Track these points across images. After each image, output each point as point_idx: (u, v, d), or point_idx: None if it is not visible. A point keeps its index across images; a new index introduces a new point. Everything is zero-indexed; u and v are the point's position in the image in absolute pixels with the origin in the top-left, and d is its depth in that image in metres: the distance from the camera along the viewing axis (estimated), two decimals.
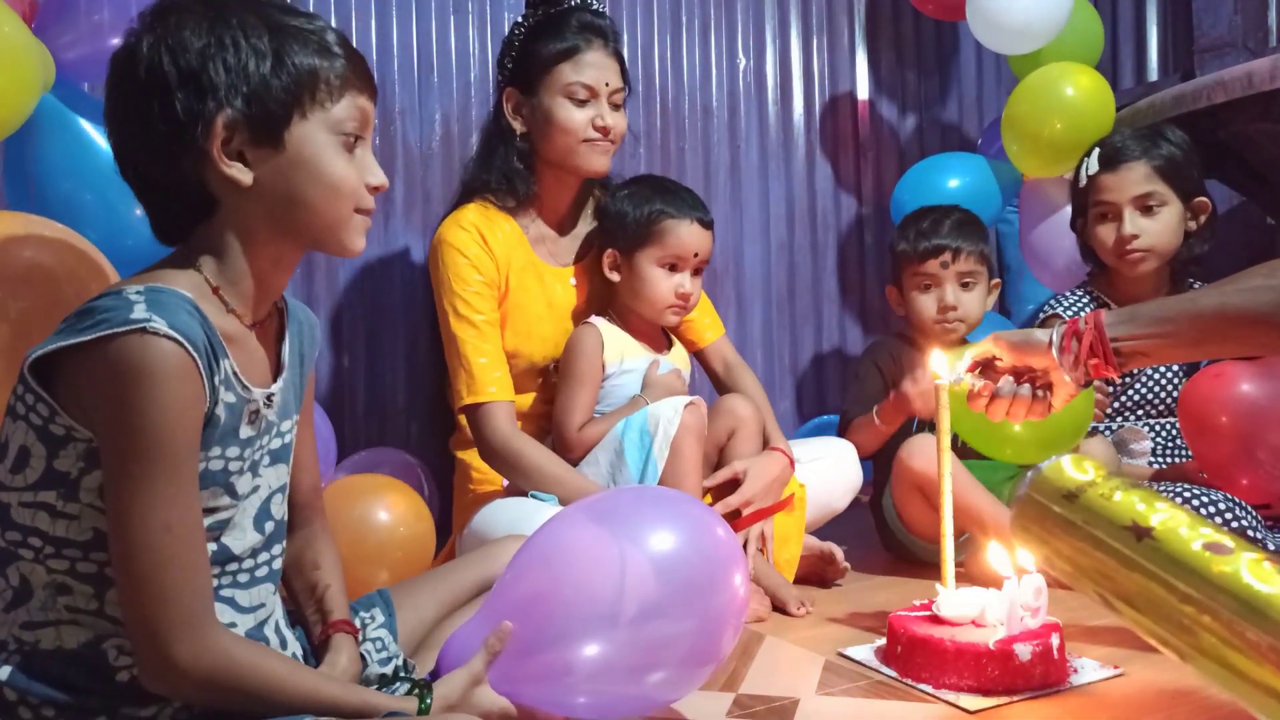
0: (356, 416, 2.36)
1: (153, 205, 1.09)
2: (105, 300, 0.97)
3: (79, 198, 1.66)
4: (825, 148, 2.82)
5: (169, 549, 0.95)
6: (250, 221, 1.06)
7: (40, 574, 1.00)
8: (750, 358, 2.71)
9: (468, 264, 1.87)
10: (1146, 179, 2.13)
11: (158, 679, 0.97)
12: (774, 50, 2.75)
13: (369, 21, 2.35)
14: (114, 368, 0.94)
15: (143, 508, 0.94)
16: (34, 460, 0.99)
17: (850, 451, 2.09)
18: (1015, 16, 2.36)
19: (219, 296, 1.06)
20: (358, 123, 1.08)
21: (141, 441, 0.94)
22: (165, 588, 0.95)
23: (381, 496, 1.76)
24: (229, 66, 1.02)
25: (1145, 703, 1.35)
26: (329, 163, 1.06)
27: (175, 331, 0.95)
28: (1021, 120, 2.42)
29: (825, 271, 2.82)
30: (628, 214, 1.95)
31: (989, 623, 1.42)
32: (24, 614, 1.01)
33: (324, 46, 1.06)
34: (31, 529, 1.00)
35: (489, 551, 1.42)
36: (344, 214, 1.08)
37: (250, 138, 1.03)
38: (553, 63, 1.89)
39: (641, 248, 1.93)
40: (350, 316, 2.36)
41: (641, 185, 2.01)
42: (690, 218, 1.93)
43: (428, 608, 1.32)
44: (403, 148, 2.39)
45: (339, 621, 1.19)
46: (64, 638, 1.00)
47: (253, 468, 1.09)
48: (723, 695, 1.40)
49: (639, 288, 1.93)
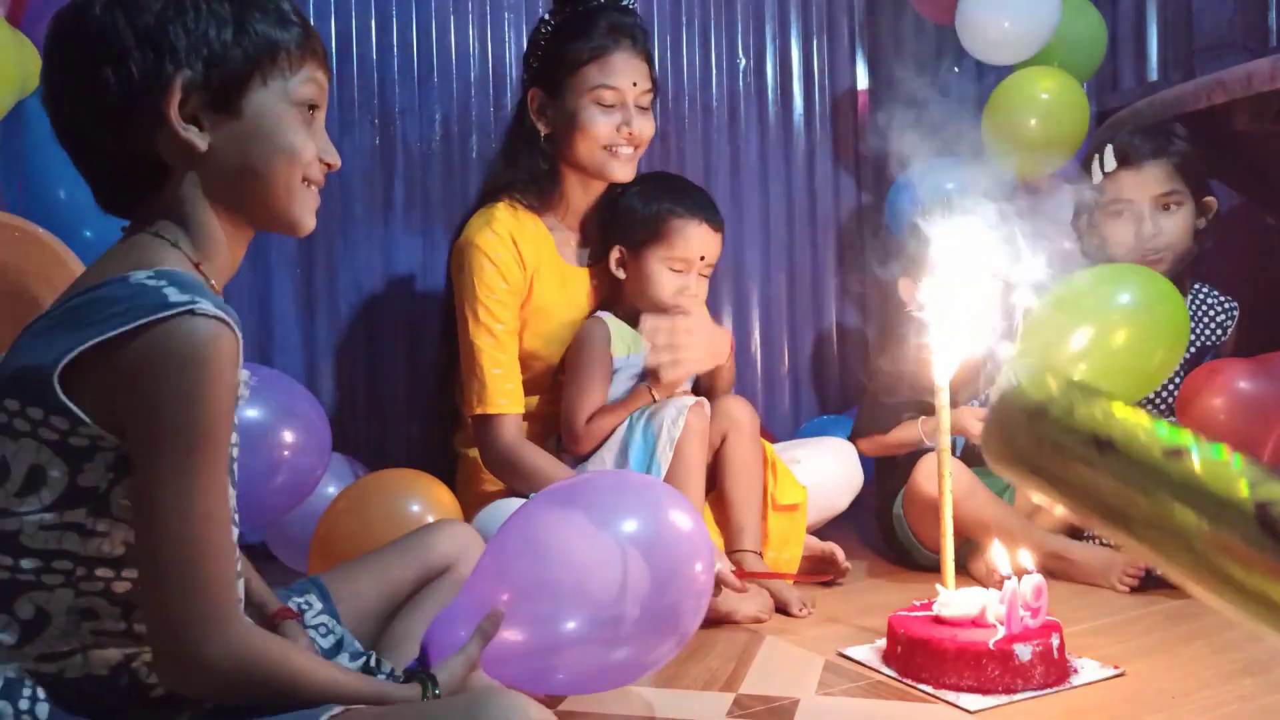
0: (357, 415, 2.36)
1: (94, 173, 1.04)
2: (113, 289, 0.93)
3: (73, 196, 1.66)
4: (825, 148, 2.82)
5: (212, 539, 0.92)
6: (209, 190, 1.02)
7: (64, 599, 0.94)
8: (750, 358, 2.71)
9: (495, 271, 1.83)
10: (1169, 177, 2.09)
11: (181, 676, 0.93)
12: (774, 50, 2.75)
13: (369, 21, 2.35)
14: (162, 354, 0.89)
15: (185, 499, 0.90)
16: (51, 479, 0.93)
17: (851, 451, 2.09)
18: (1001, 27, 2.36)
19: (200, 272, 1.02)
20: (315, 94, 1.05)
21: (191, 431, 0.90)
22: (203, 579, 0.91)
23: (415, 489, 1.74)
24: (189, 30, 0.98)
25: (1145, 703, 1.35)
26: (287, 131, 1.03)
27: (220, 311, 0.92)
28: (997, 125, 2.42)
29: (825, 271, 2.82)
30: (636, 210, 1.92)
31: (989, 623, 1.42)
32: (41, 646, 0.94)
33: (283, 16, 1.03)
34: (58, 552, 0.93)
35: (424, 537, 1.36)
36: (294, 182, 1.05)
37: (207, 101, 1.00)
38: (579, 64, 1.86)
39: (648, 246, 1.91)
40: (350, 316, 2.35)
41: (653, 182, 1.99)
42: (699, 218, 1.91)
43: (369, 595, 1.29)
44: (403, 148, 2.39)
45: (282, 610, 1.18)
46: (92, 663, 0.95)
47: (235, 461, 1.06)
48: (723, 695, 1.40)
49: (643, 286, 1.92)
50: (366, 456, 2.33)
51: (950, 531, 1.56)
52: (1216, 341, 2.15)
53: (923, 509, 1.98)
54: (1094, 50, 2.54)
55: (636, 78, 1.88)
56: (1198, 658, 1.50)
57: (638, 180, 1.96)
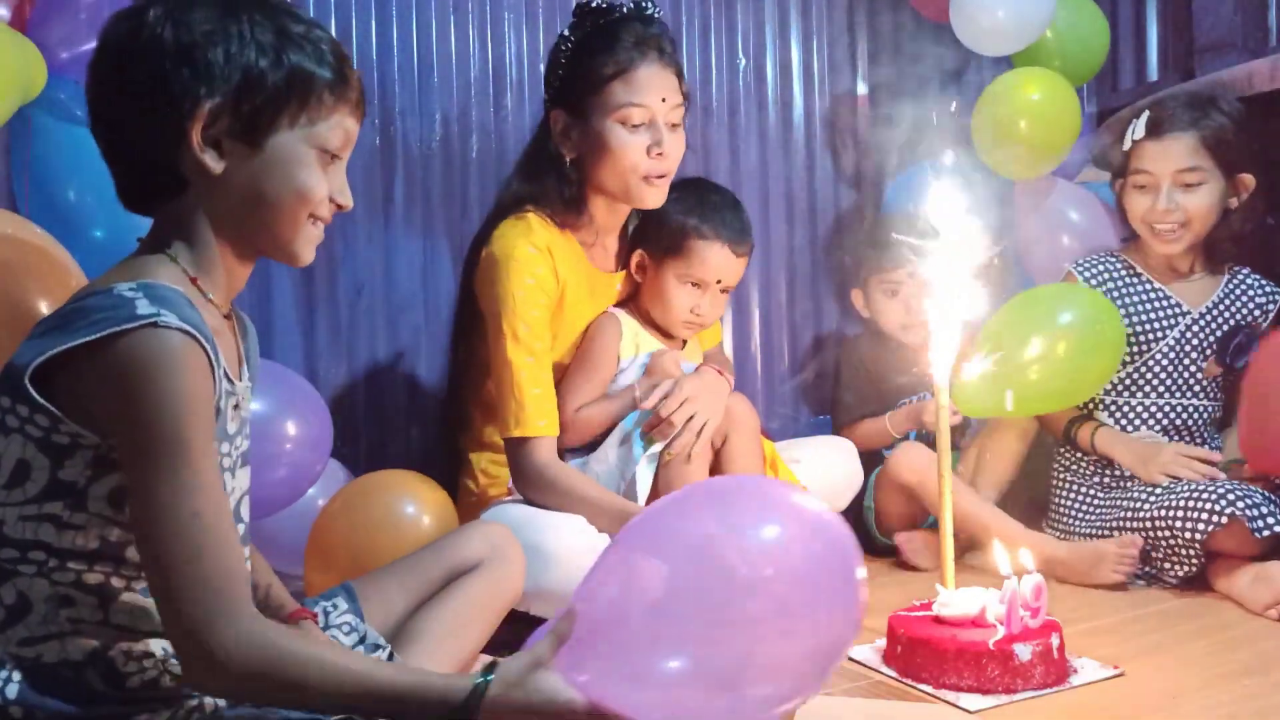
0: (356, 418, 2.36)
1: (119, 170, 1.08)
2: (97, 299, 0.96)
3: (81, 197, 1.66)
4: (825, 148, 2.81)
5: (198, 537, 0.93)
6: (216, 211, 1.06)
7: (41, 588, 0.99)
8: (750, 357, 2.71)
9: (536, 287, 1.75)
10: (1191, 152, 2.03)
11: (202, 673, 0.94)
12: (774, 50, 2.75)
13: (369, 21, 2.35)
14: (125, 364, 0.93)
15: (167, 499, 0.93)
16: (35, 473, 0.98)
17: (851, 450, 2.09)
18: (995, 17, 2.35)
19: (198, 287, 1.05)
20: (340, 143, 1.08)
21: (158, 433, 0.93)
22: (199, 577, 0.93)
23: (408, 491, 1.74)
24: (230, 55, 1.01)
25: (1145, 703, 1.35)
26: (301, 173, 1.06)
27: (186, 324, 0.95)
28: (986, 127, 2.42)
29: (825, 271, 2.82)
30: (666, 219, 1.87)
31: (989, 623, 1.42)
32: (22, 630, 0.99)
33: (321, 54, 1.06)
34: (34, 542, 0.98)
35: (458, 537, 1.41)
36: (301, 220, 1.07)
37: (230, 130, 1.03)
38: (603, 82, 1.75)
39: (668, 258, 1.89)
40: (350, 317, 2.35)
41: (691, 192, 1.92)
42: (722, 241, 1.87)
43: (396, 599, 1.31)
44: (403, 148, 2.38)
45: (299, 610, 1.20)
46: (68, 649, 0.99)
47: (232, 467, 1.09)
48: None
49: (658, 296, 1.91)
50: (366, 457, 2.33)
51: (950, 532, 1.56)
52: (1250, 321, 2.12)
53: (894, 491, 2.06)
54: (1096, 48, 2.53)
55: (666, 93, 1.77)
56: (1198, 658, 1.50)
57: (677, 185, 1.88)
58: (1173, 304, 2.12)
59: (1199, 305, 2.12)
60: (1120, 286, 2.15)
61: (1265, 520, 1.73)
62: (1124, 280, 2.16)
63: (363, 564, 1.50)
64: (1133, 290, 2.14)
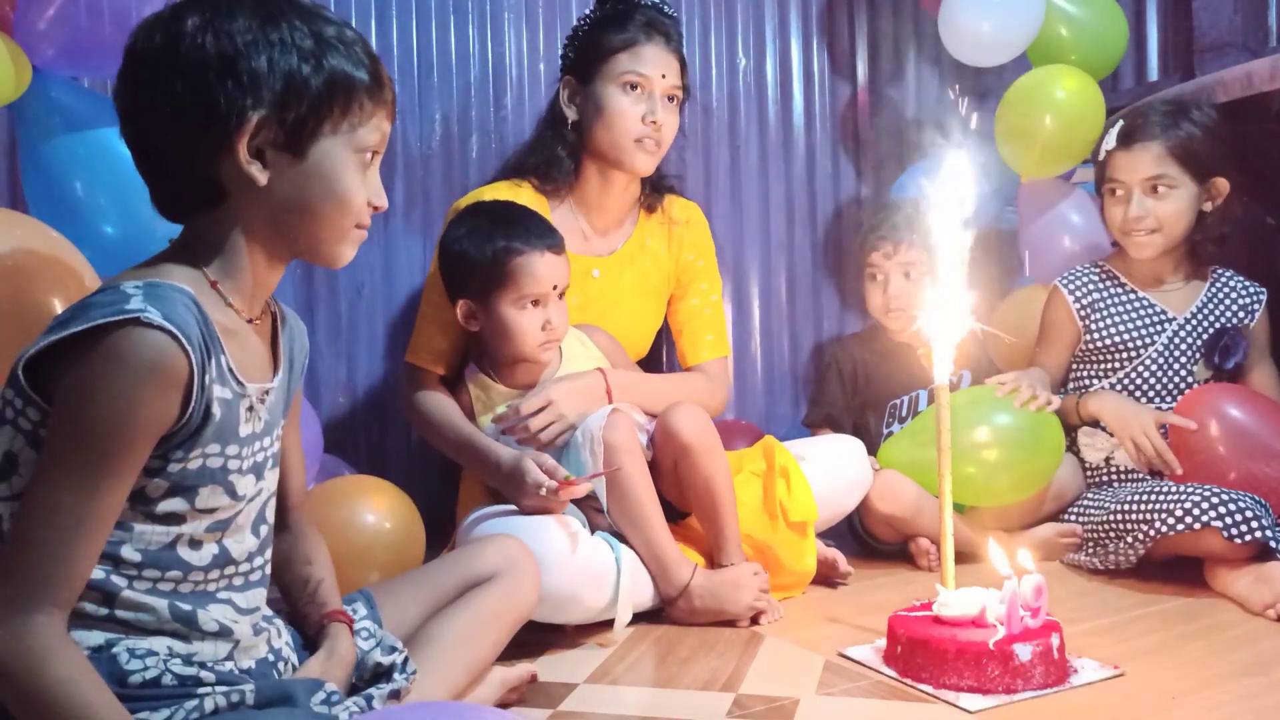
0: (355, 417, 2.36)
1: (154, 180, 1.07)
2: (103, 295, 0.97)
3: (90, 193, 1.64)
4: (825, 148, 2.81)
5: (43, 531, 0.92)
6: (254, 219, 1.06)
7: None
8: (750, 358, 2.71)
9: None
10: (1158, 161, 2.07)
11: None
12: (774, 50, 2.75)
13: (369, 21, 2.35)
14: (98, 353, 0.92)
15: (47, 483, 0.93)
16: (23, 467, 0.97)
17: (859, 449, 2.07)
18: (981, 29, 2.34)
19: (217, 291, 1.05)
20: (377, 142, 1.10)
21: (83, 426, 0.93)
22: (24, 564, 0.92)
23: (369, 497, 1.74)
24: (272, 63, 1.01)
25: (1145, 703, 1.35)
26: (345, 179, 1.06)
27: (170, 323, 0.94)
28: (1011, 123, 2.40)
29: (825, 271, 2.81)
30: (470, 256, 1.78)
31: (989, 623, 1.42)
32: None
33: (357, 57, 1.06)
34: None
35: (474, 549, 1.42)
36: (346, 227, 1.09)
37: (275, 140, 1.02)
38: (611, 52, 1.93)
39: (495, 291, 1.77)
40: (350, 316, 2.36)
41: (478, 217, 1.83)
42: (540, 248, 1.77)
43: (410, 606, 1.32)
44: (403, 148, 2.39)
45: (335, 611, 1.20)
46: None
47: (255, 469, 1.09)
48: (723, 695, 1.40)
49: (503, 334, 1.80)
50: (365, 458, 2.34)
51: (950, 532, 1.56)
52: (1236, 323, 2.14)
53: (878, 521, 2.07)
54: (1113, 45, 2.51)
55: (666, 71, 1.94)
56: (1198, 658, 1.50)
57: (459, 220, 1.85)
58: (1158, 311, 2.14)
59: (1184, 311, 2.14)
60: (1105, 297, 2.18)
61: (1249, 525, 1.70)
62: (1108, 290, 2.19)
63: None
64: (1117, 300, 2.17)
